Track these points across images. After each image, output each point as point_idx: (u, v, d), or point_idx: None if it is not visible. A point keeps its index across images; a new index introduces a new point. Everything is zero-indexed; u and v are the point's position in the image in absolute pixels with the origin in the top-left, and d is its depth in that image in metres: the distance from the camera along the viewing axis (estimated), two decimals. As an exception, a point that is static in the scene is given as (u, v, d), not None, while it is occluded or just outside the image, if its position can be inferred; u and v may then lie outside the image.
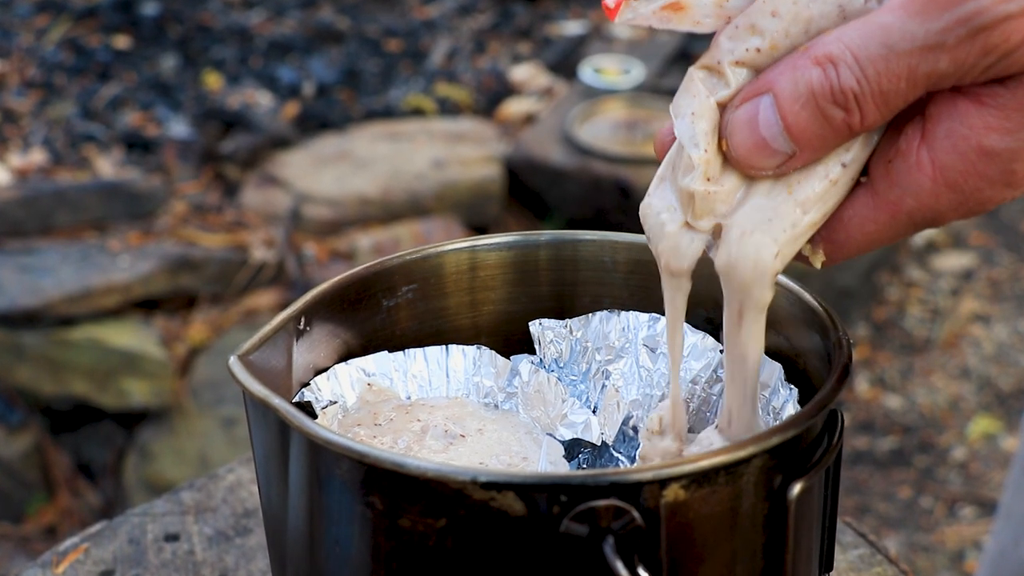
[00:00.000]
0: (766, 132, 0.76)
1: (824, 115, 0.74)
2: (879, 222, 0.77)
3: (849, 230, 0.78)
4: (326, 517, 0.81)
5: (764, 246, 0.77)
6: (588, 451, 0.91)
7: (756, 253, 0.78)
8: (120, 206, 3.17)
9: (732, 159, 0.77)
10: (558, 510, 0.75)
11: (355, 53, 3.85)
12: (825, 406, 0.81)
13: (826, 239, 0.79)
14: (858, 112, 0.74)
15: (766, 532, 0.80)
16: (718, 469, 0.77)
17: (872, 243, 0.78)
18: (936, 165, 0.74)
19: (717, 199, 0.78)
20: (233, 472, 1.23)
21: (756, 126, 0.76)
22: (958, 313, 3.59)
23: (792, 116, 0.75)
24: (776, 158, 0.76)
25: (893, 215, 0.76)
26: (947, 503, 3.03)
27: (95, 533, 1.16)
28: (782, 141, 0.76)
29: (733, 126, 0.77)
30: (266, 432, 0.84)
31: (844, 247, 0.79)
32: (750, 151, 0.77)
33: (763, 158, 0.77)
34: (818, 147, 0.76)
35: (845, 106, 0.73)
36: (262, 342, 0.88)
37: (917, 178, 0.75)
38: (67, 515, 2.95)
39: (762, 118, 0.75)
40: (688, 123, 0.77)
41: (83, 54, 3.75)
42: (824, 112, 0.74)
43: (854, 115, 0.74)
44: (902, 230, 0.77)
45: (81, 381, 2.96)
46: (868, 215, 0.77)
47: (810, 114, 0.74)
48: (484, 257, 1.02)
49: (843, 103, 0.73)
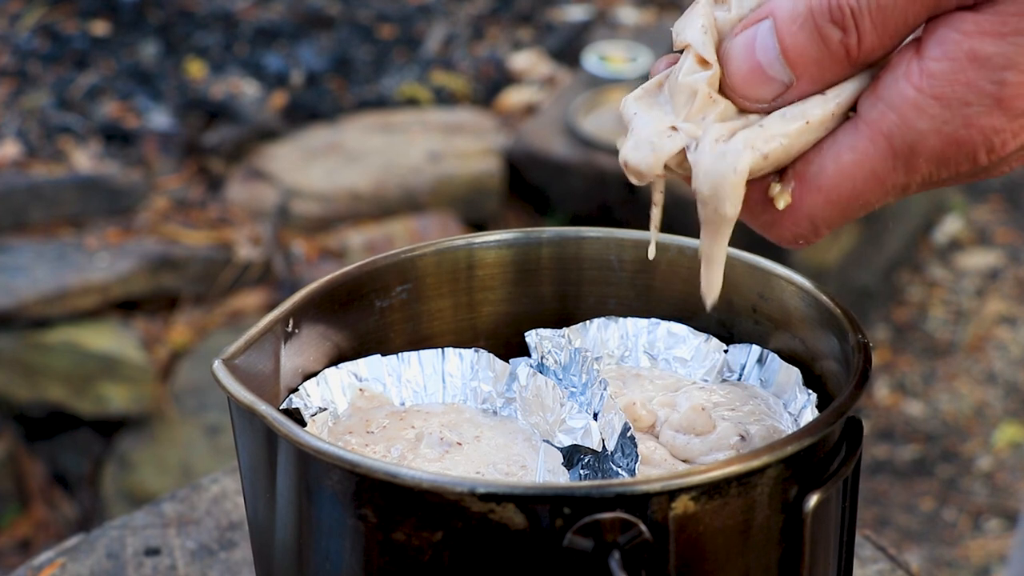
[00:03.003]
0: (762, 57, 0.76)
1: (821, 35, 0.74)
2: (857, 148, 0.76)
3: (823, 158, 0.77)
4: (316, 530, 0.81)
5: (738, 153, 0.77)
6: (589, 458, 0.91)
7: (732, 160, 0.77)
8: (98, 201, 3.17)
9: (728, 88, 0.77)
10: (561, 523, 0.75)
11: (346, 40, 3.85)
12: (843, 413, 0.81)
13: (797, 173, 0.77)
14: (856, 32, 0.74)
15: (781, 546, 0.80)
16: (730, 480, 0.77)
17: (844, 182, 0.76)
18: (924, 72, 0.74)
19: (715, 108, 0.77)
20: (217, 483, 1.23)
21: (752, 51, 0.76)
22: (983, 314, 3.59)
23: (790, 37, 0.75)
24: (772, 86, 0.76)
25: (872, 137, 0.75)
26: (972, 515, 3.03)
27: (72, 547, 1.16)
28: (779, 67, 0.76)
29: (730, 52, 0.77)
30: (252, 440, 0.84)
31: (813, 184, 0.77)
32: (745, 78, 0.77)
33: (759, 86, 0.77)
34: (815, 75, 0.76)
35: (843, 24, 0.74)
36: (248, 345, 0.88)
37: (902, 88, 0.74)
38: (42, 528, 2.95)
39: (759, 43, 0.76)
40: (700, 32, 0.77)
41: (59, 41, 3.75)
42: (822, 32, 0.74)
43: (851, 35, 0.74)
44: (879, 163, 0.75)
45: (57, 386, 2.96)
46: (846, 141, 0.76)
47: (807, 35, 0.74)
48: (482, 256, 1.02)
49: (840, 20, 0.73)
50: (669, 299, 1.02)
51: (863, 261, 3.57)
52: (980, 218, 3.95)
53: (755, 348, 0.98)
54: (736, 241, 0.82)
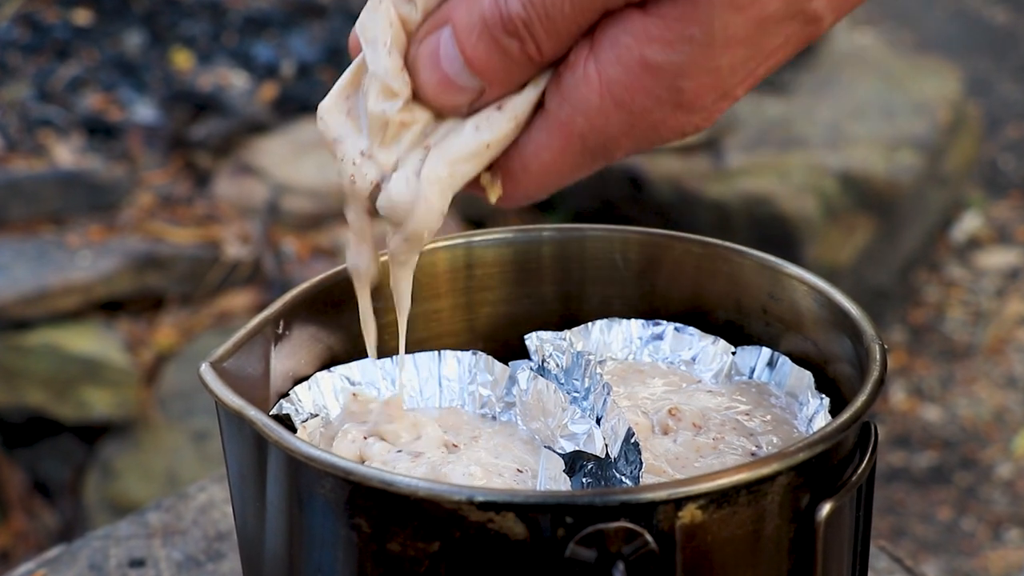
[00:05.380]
0: (448, 68, 0.76)
1: (500, 46, 0.75)
2: (553, 148, 0.77)
3: (525, 158, 0.78)
4: (307, 541, 0.81)
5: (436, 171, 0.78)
6: (592, 465, 0.91)
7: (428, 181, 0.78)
8: (80, 198, 3.17)
9: (422, 98, 0.78)
10: (563, 533, 0.75)
11: (339, 29, 3.85)
12: (857, 418, 0.81)
13: (503, 169, 0.79)
14: (532, 41, 0.74)
15: (792, 557, 0.80)
16: (739, 488, 0.77)
17: (549, 174, 0.78)
18: (603, 78, 0.74)
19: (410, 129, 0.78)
20: (205, 491, 1.23)
21: (438, 61, 0.76)
22: (1003, 315, 3.59)
23: (470, 49, 0.75)
24: (465, 94, 0.77)
25: (567, 138, 0.76)
26: (991, 525, 3.03)
27: (53, 558, 1.16)
28: (466, 77, 0.76)
29: (418, 63, 0.77)
30: (241, 447, 0.84)
31: (521, 180, 0.78)
32: (436, 89, 0.77)
33: (451, 95, 0.77)
34: (504, 80, 0.76)
35: (517, 35, 0.74)
36: (236, 348, 0.88)
37: (585, 93, 0.75)
38: (22, 538, 2.95)
39: (443, 52, 0.76)
40: (383, 54, 0.78)
41: (39, 30, 3.75)
42: (499, 43, 0.75)
43: (528, 44, 0.74)
44: (579, 159, 0.77)
45: (37, 391, 2.96)
46: (543, 141, 0.77)
47: (487, 46, 0.75)
48: (481, 254, 1.02)
49: (515, 32, 0.74)
50: (675, 299, 1.02)
51: (878, 260, 3.58)
52: (1000, 215, 3.95)
53: (765, 350, 0.98)
54: (743, 239, 0.82)
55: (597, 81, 0.74)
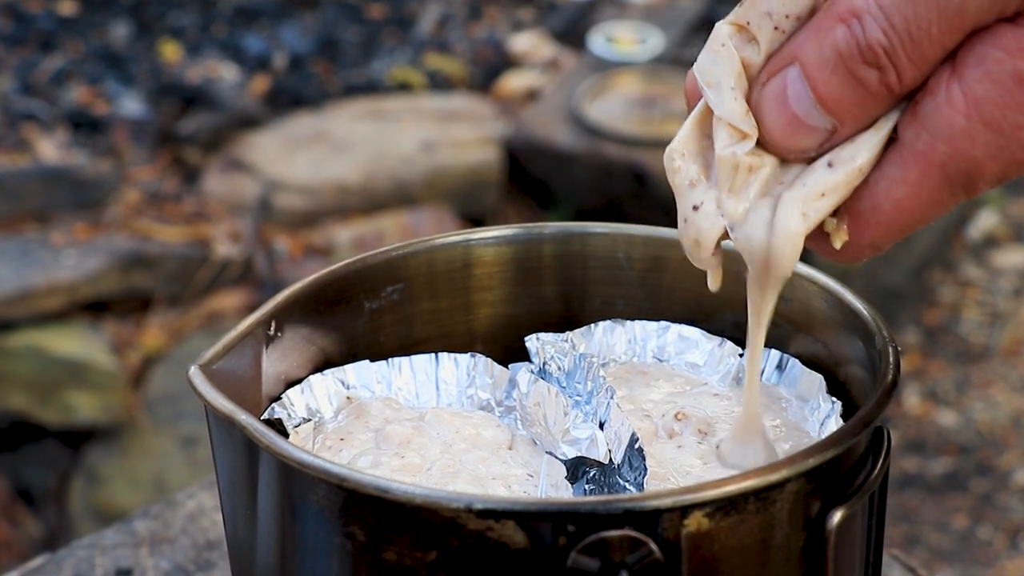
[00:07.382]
0: (797, 107, 0.76)
1: (857, 78, 0.74)
2: (908, 182, 0.76)
3: (876, 196, 0.77)
4: (300, 549, 0.81)
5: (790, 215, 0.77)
6: (595, 471, 0.91)
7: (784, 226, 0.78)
8: (64, 194, 3.17)
9: (767, 144, 0.77)
10: (565, 542, 0.75)
11: (332, 20, 3.85)
12: (869, 423, 0.81)
13: (851, 211, 0.78)
14: (893, 70, 0.73)
15: (802, 567, 0.80)
16: (747, 495, 0.77)
17: (902, 212, 0.76)
18: (969, 98, 0.73)
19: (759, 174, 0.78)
20: (193, 498, 1.23)
21: (786, 102, 0.76)
22: (1021, 316, 3.59)
23: (823, 86, 0.74)
24: (815, 136, 0.76)
25: (924, 169, 0.75)
26: (1008, 533, 3.03)
27: (36, 568, 1.16)
28: (817, 116, 0.75)
29: (762, 107, 0.77)
30: (231, 452, 0.84)
31: (871, 221, 0.77)
32: (784, 132, 0.76)
33: (800, 138, 0.76)
34: (859, 116, 0.75)
35: (877, 64, 0.73)
36: (227, 350, 0.88)
37: (948, 116, 0.74)
38: (4, 548, 2.96)
39: (791, 92, 0.75)
40: (729, 98, 0.77)
41: (23, 21, 3.75)
42: (856, 75, 0.74)
43: (889, 73, 0.73)
44: (936, 193, 0.75)
45: (20, 394, 2.96)
46: (896, 175, 0.76)
47: (841, 80, 0.74)
48: (480, 253, 1.02)
49: (874, 61, 0.73)
50: (681, 300, 1.02)
51: (891, 259, 3.58)
52: (1017, 213, 3.95)
53: (774, 353, 0.98)
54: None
55: (963, 102, 0.73)
